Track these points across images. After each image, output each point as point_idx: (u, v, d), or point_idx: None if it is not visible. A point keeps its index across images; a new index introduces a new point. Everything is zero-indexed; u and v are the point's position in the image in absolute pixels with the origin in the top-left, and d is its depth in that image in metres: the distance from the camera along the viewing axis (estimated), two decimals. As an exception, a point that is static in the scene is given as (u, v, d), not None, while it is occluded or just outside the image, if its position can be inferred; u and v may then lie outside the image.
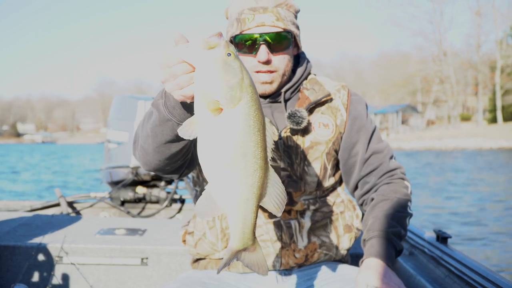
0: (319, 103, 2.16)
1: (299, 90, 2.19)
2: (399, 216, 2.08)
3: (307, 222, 2.13)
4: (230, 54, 1.31)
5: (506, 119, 67.36)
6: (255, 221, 1.43)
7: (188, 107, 1.58)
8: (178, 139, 1.72)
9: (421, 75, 76.39)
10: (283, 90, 2.13)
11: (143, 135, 1.83)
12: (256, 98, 1.35)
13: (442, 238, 2.74)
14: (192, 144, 1.89)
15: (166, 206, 4.90)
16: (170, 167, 1.92)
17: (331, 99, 2.18)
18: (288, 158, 2.11)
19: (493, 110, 69.79)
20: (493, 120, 68.81)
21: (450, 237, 2.75)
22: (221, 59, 1.30)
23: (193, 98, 1.39)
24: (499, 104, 66.60)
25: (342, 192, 2.29)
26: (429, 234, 2.93)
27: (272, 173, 1.42)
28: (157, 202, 4.96)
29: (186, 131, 1.34)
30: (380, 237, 2.01)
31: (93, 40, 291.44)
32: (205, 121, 1.32)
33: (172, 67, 1.39)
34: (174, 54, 1.37)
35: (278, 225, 2.10)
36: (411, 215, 2.15)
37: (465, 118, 78.11)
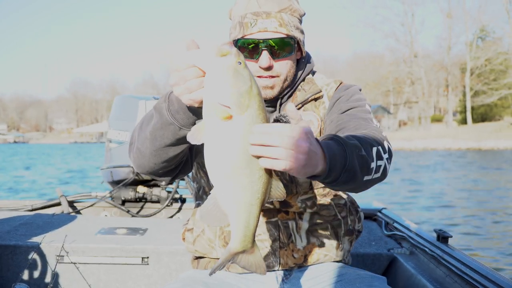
0: (305, 102, 2.08)
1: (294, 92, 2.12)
2: (364, 140, 1.68)
3: (305, 223, 2.07)
4: (240, 63, 1.33)
5: (476, 120, 68.05)
6: (257, 225, 1.43)
7: (193, 112, 1.58)
8: (177, 143, 1.72)
9: (393, 77, 76.75)
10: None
11: (141, 138, 1.81)
12: (263, 106, 1.35)
13: (443, 237, 2.73)
14: (188, 149, 1.87)
15: (167, 205, 4.82)
16: (163, 170, 1.89)
17: (320, 96, 2.10)
18: None
19: (463, 111, 70.52)
20: (463, 121, 69.40)
21: (451, 236, 2.73)
22: (232, 66, 1.32)
23: (201, 102, 1.40)
24: (468, 105, 67.25)
25: (343, 194, 2.21)
26: (430, 234, 2.91)
27: (275, 178, 1.42)
28: (158, 201, 4.87)
29: (196, 136, 1.35)
30: (332, 138, 1.59)
31: (67, 39, 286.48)
32: (213, 127, 1.33)
33: (182, 71, 1.39)
34: (185, 58, 1.38)
35: (275, 225, 2.05)
36: (379, 152, 1.73)
37: (437, 119, 78.28)
